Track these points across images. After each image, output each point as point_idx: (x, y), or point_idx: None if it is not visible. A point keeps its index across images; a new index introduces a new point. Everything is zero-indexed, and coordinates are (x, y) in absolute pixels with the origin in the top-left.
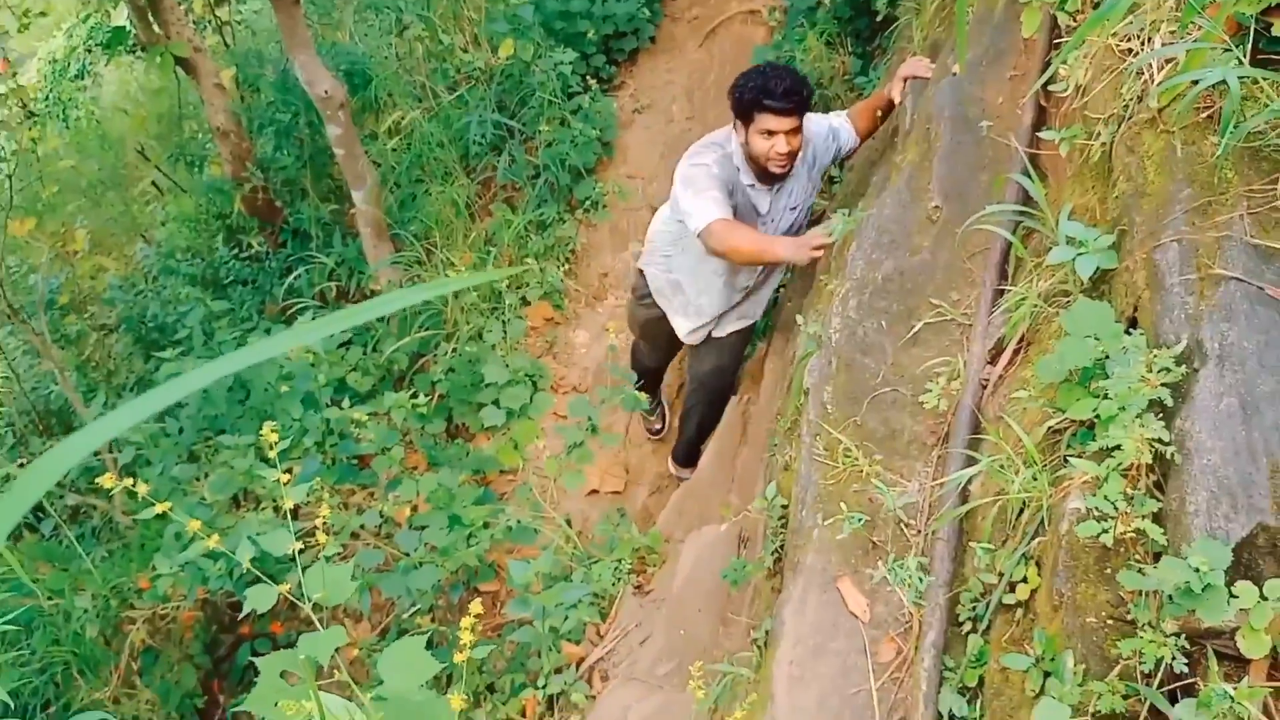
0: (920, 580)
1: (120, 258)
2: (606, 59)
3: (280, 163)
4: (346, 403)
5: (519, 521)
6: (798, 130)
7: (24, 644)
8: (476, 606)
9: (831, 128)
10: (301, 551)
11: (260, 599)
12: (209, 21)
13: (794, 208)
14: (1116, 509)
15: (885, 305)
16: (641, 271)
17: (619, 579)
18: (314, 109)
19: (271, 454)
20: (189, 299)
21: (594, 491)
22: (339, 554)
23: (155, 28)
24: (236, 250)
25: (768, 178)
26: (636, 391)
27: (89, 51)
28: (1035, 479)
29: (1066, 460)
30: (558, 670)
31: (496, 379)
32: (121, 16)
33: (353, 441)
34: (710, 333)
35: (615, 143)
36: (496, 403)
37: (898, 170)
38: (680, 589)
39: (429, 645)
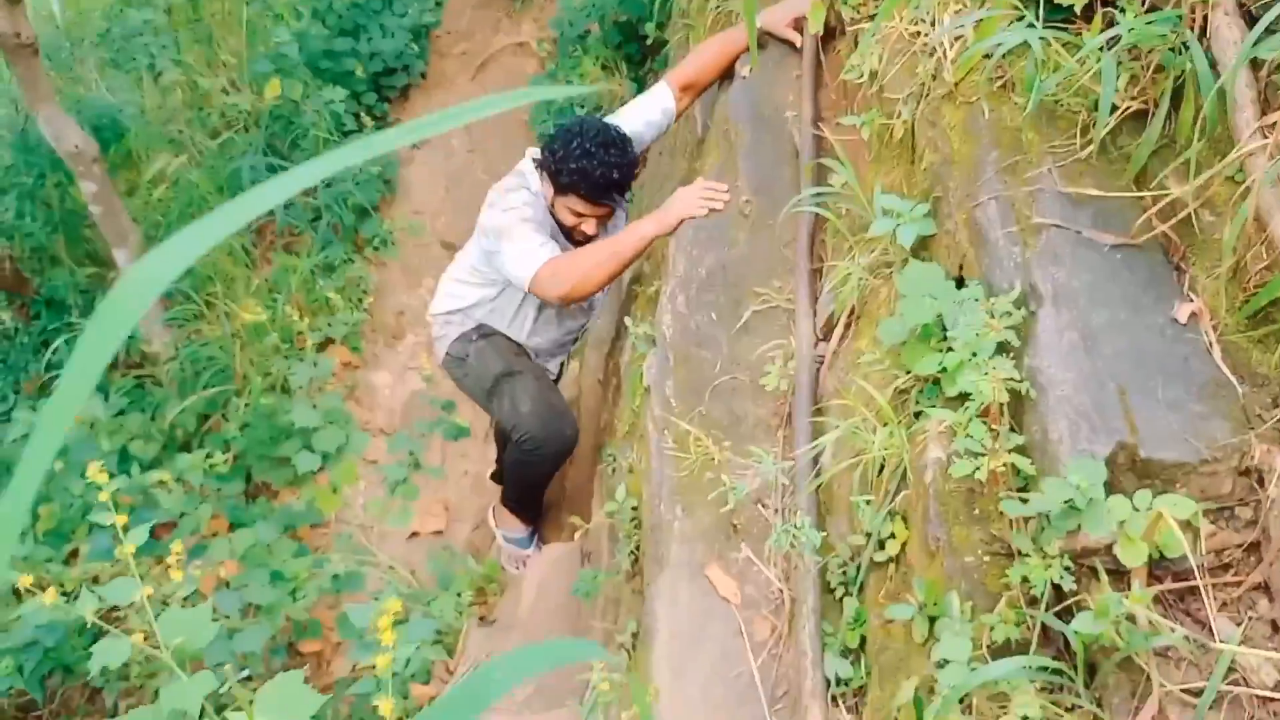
0: (795, 539)
1: None
2: (378, 96)
3: (26, 229)
4: (136, 470)
5: (346, 568)
6: (611, 213)
7: None
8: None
9: (649, 123)
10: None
11: (111, 653)
12: None
13: None
14: (985, 447)
15: (712, 299)
16: (455, 356)
17: (461, 612)
18: (61, 167)
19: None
20: None
21: (414, 534)
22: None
23: None
24: None
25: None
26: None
27: None
28: (893, 435)
29: (917, 416)
30: (407, 715)
31: (309, 422)
32: None
33: (147, 509)
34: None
35: (396, 180)
36: (310, 447)
37: (701, 175)
38: (528, 612)
39: None
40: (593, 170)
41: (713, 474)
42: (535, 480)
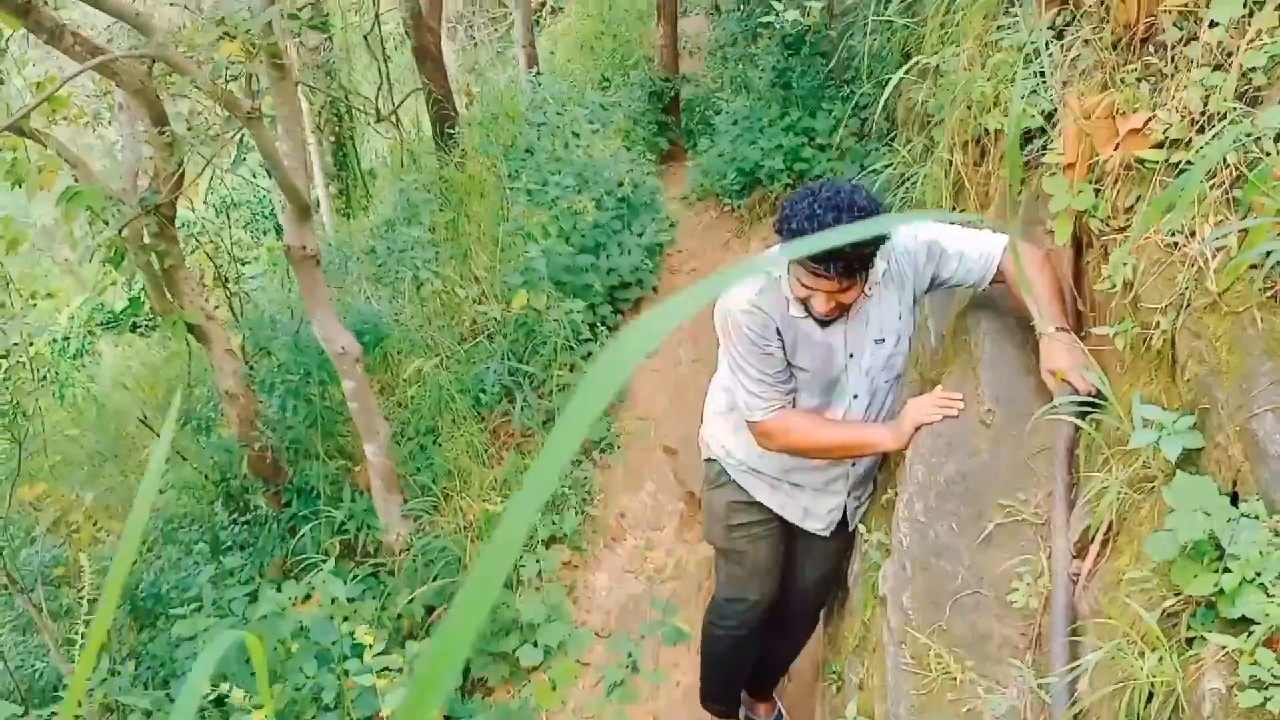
0: None
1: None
2: (612, 308)
3: (288, 422)
4: (369, 654)
5: None
6: (850, 289)
7: None
8: None
9: (938, 249)
10: None
11: None
12: (217, 294)
13: (880, 339)
14: (1275, 676)
15: (953, 508)
16: (711, 460)
17: None
18: (325, 368)
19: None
20: (191, 563)
21: None
22: None
23: (169, 297)
24: (235, 514)
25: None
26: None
27: (90, 332)
28: (1163, 661)
29: (1189, 642)
30: None
31: (534, 616)
32: (124, 297)
33: (374, 696)
34: (841, 516)
35: (625, 386)
36: (535, 643)
37: (939, 384)
38: None
39: None
40: (810, 226)
41: (954, 695)
42: (720, 658)
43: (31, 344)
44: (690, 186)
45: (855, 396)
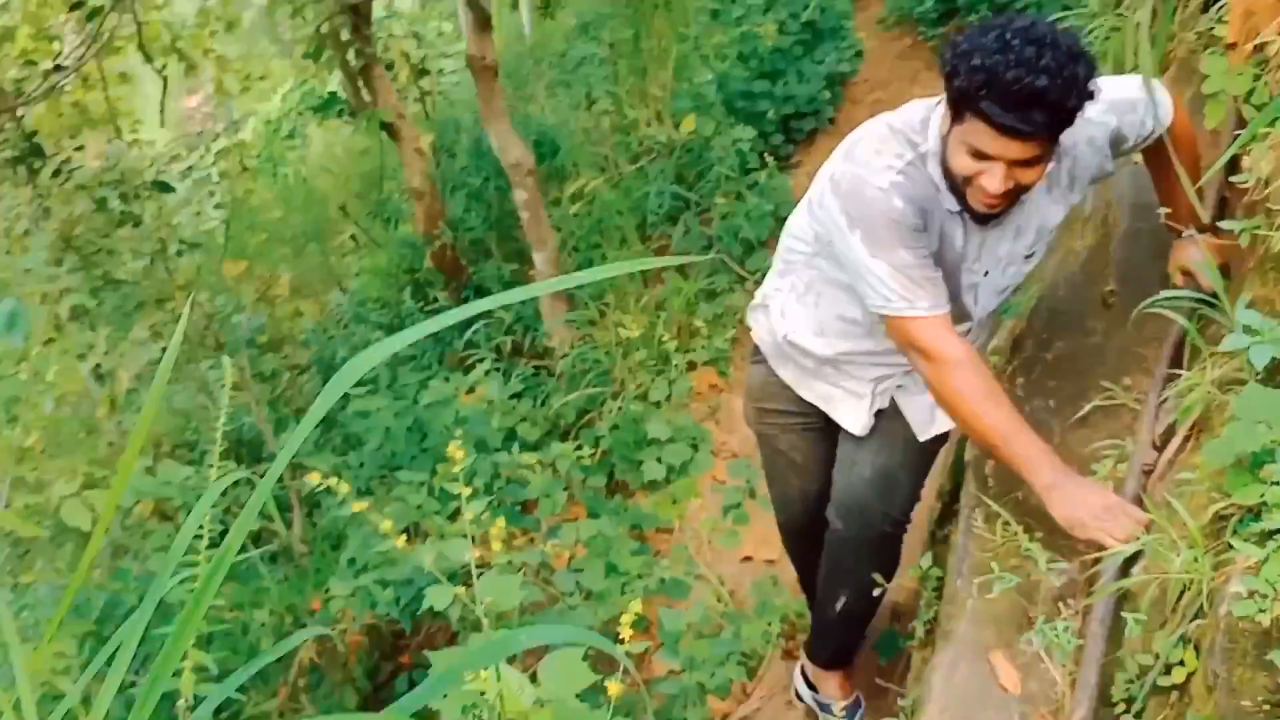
0: (1069, 643)
1: (317, 303)
2: (785, 138)
3: (468, 223)
4: (516, 449)
5: (673, 575)
6: (1036, 161)
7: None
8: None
9: (1114, 132)
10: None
11: (439, 597)
12: (412, 91)
13: (1030, 254)
14: (1276, 590)
15: (1055, 385)
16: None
17: (768, 641)
18: (503, 175)
19: (456, 469)
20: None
21: (748, 558)
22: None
23: (364, 95)
24: (421, 303)
25: (972, 210)
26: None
27: (300, 115)
28: (1197, 561)
29: (1230, 545)
30: None
31: (659, 435)
32: (335, 82)
33: (519, 486)
34: (880, 409)
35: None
36: (659, 459)
37: (1074, 254)
38: None
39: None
40: (1003, 70)
41: (1017, 561)
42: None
43: (238, 131)
44: (888, 8)
45: (978, 323)
